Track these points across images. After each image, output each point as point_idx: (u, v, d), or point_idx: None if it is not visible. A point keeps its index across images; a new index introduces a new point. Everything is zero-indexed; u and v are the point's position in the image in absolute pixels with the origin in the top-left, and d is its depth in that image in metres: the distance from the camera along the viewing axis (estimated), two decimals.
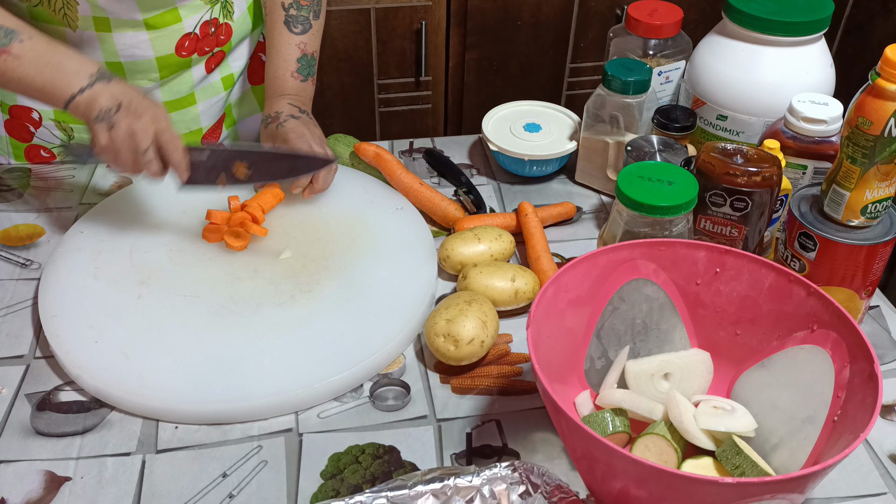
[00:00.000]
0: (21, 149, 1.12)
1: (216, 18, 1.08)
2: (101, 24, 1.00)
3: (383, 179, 1.07)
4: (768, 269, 0.75)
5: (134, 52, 1.03)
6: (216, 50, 1.11)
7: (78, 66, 0.87)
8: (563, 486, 0.67)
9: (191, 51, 1.07)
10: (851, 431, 0.63)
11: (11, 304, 0.92)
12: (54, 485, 0.74)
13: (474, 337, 0.82)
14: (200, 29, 1.06)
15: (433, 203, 1.03)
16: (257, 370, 0.81)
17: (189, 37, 1.06)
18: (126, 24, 1.01)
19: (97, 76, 0.87)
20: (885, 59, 0.74)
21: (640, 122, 1.04)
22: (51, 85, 0.86)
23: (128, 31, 1.02)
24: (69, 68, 0.87)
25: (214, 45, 1.10)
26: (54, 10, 0.98)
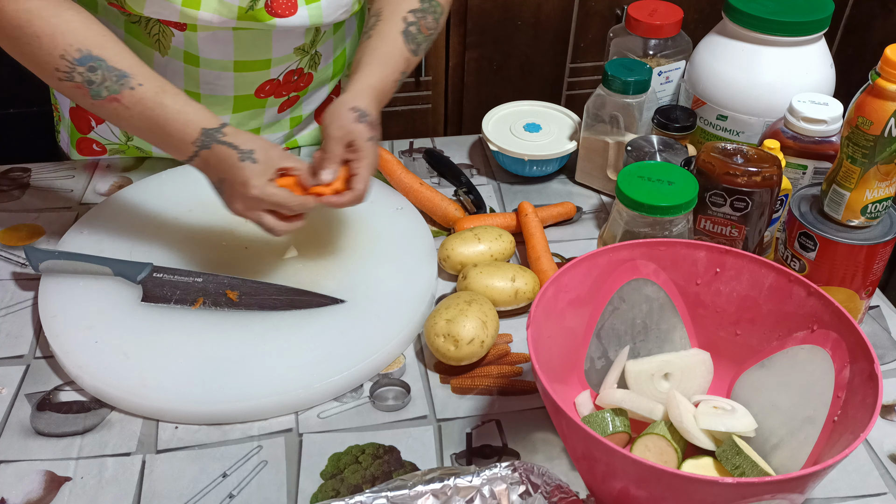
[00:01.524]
0: (77, 137, 1.12)
1: (301, 69, 1.07)
2: (190, 58, 1.00)
3: (383, 179, 1.07)
4: (768, 269, 0.75)
5: (215, 88, 1.03)
6: (292, 95, 1.10)
7: (182, 130, 0.83)
8: (563, 486, 0.67)
9: (269, 94, 1.07)
10: (851, 431, 0.63)
11: (11, 304, 0.92)
12: (54, 485, 0.74)
13: (474, 337, 0.82)
14: (284, 77, 1.06)
15: (433, 203, 1.03)
16: (257, 370, 0.81)
17: (271, 82, 1.05)
18: (215, 63, 1.00)
19: (200, 144, 0.83)
20: (885, 59, 0.74)
21: (640, 122, 1.04)
22: (163, 146, 0.86)
23: (215, 70, 1.01)
24: (175, 134, 0.83)
25: (292, 91, 1.10)
26: (149, 33, 0.98)
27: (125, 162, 1.13)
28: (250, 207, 0.84)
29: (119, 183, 1.09)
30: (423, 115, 1.94)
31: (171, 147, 0.85)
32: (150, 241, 0.96)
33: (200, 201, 1.01)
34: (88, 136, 1.11)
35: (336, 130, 0.86)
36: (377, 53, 0.93)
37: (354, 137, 0.86)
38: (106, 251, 0.93)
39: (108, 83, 0.82)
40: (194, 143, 0.83)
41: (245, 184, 0.82)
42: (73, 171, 1.11)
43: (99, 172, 1.11)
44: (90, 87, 0.81)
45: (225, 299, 0.88)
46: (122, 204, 1.02)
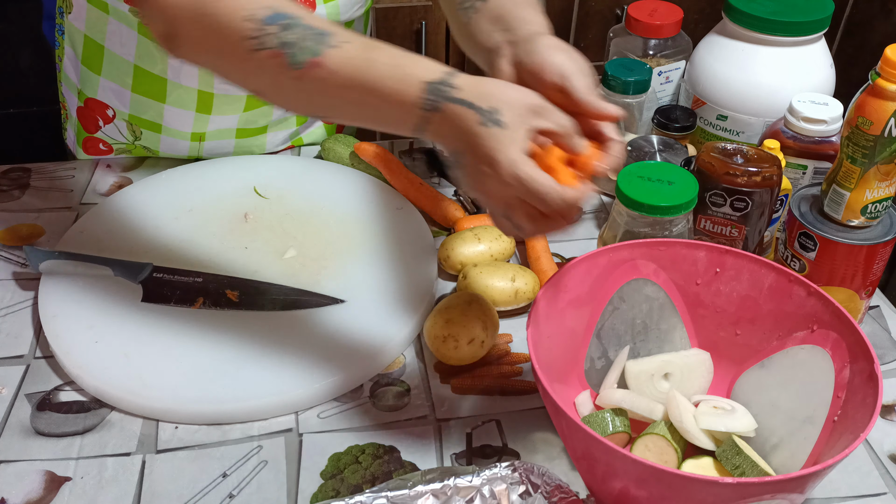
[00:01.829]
0: (83, 136, 1.12)
1: None
2: None
3: (383, 179, 1.07)
4: (768, 269, 0.75)
5: (229, 88, 1.03)
6: None
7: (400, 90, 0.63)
8: (563, 486, 0.67)
9: None
10: (851, 431, 0.63)
11: (11, 304, 0.92)
12: (54, 485, 0.74)
13: (474, 337, 0.82)
14: None
15: (433, 203, 1.03)
16: (257, 370, 0.81)
17: None
18: None
19: (426, 106, 0.63)
20: (885, 59, 0.74)
21: (640, 122, 1.04)
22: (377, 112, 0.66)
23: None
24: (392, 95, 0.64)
25: None
26: None
27: (125, 162, 1.13)
28: (499, 195, 0.63)
29: (119, 183, 1.09)
30: None
31: (392, 118, 0.66)
32: (150, 241, 0.96)
33: (200, 201, 1.02)
34: (95, 136, 1.11)
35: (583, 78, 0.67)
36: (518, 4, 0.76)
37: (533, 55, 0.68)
38: (106, 251, 0.93)
39: (308, 42, 0.64)
40: (419, 106, 0.63)
41: (491, 161, 0.61)
42: (73, 171, 1.11)
43: (99, 172, 1.11)
44: (287, 51, 0.64)
45: (225, 299, 0.88)
46: (122, 204, 1.02)
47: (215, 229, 0.98)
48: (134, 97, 1.05)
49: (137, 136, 1.10)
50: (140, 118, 1.07)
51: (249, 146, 1.14)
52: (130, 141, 1.11)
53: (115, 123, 1.09)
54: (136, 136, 1.10)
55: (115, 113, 1.08)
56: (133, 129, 1.09)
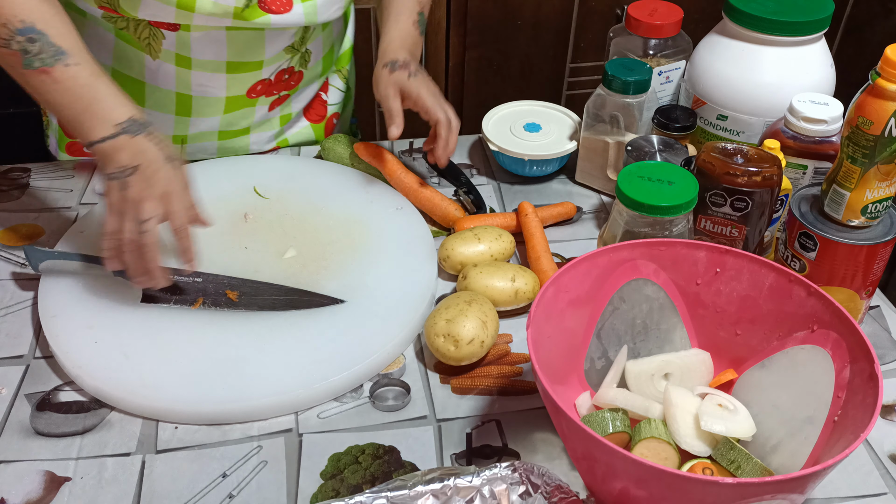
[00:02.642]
0: (65, 141, 1.13)
1: (292, 67, 1.08)
2: (182, 60, 1.00)
3: (383, 179, 1.07)
4: (768, 269, 0.75)
5: (207, 89, 1.04)
6: (282, 94, 1.11)
7: (109, 111, 0.83)
8: (563, 486, 0.67)
9: (260, 93, 1.08)
10: (852, 431, 0.63)
11: (11, 304, 0.92)
12: (54, 485, 0.74)
13: (474, 337, 0.82)
14: (276, 76, 1.07)
15: (433, 203, 1.03)
16: (257, 370, 0.81)
17: (263, 82, 1.06)
18: (207, 65, 1.01)
19: (125, 127, 0.82)
20: (885, 59, 0.74)
21: (640, 122, 1.04)
22: (78, 122, 0.83)
23: (207, 72, 1.02)
24: (100, 112, 0.82)
25: (283, 89, 1.10)
26: (140, 37, 0.98)
27: None
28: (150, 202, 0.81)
29: None
30: None
31: (88, 123, 0.82)
32: None
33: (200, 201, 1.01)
34: (76, 140, 1.11)
35: (383, 90, 0.98)
36: (391, 10, 1.04)
37: (399, 85, 0.97)
38: None
39: (43, 55, 0.81)
40: (118, 125, 0.82)
41: (174, 179, 0.83)
42: (73, 171, 1.11)
43: (99, 172, 1.11)
44: (24, 57, 0.81)
45: (225, 299, 0.88)
46: None
47: (215, 229, 0.97)
48: None
49: None
50: None
51: (233, 147, 1.14)
52: None
53: None
54: None
55: None
56: None
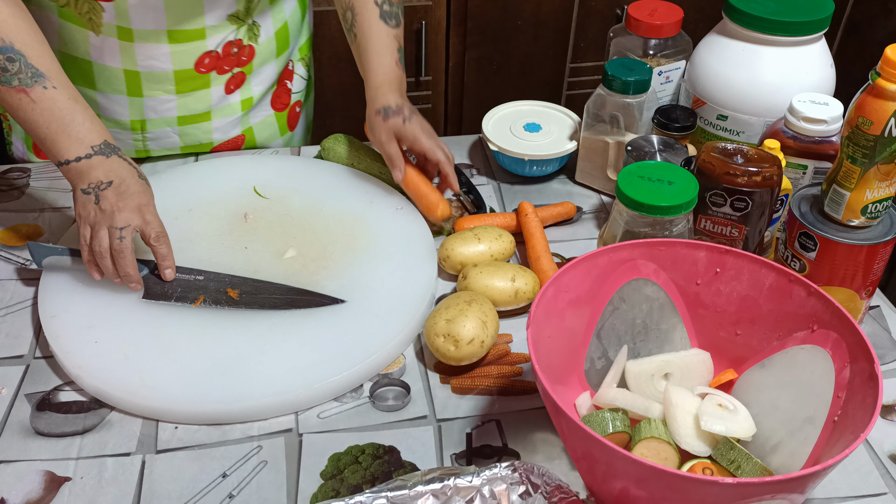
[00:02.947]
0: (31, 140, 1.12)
1: (240, 40, 1.08)
2: (123, 33, 1.00)
3: (383, 179, 1.07)
4: (768, 269, 0.75)
5: (153, 63, 1.04)
6: (236, 70, 1.10)
7: (85, 133, 0.87)
8: (563, 486, 0.67)
9: (209, 68, 1.07)
10: (851, 431, 0.63)
11: (11, 304, 0.92)
12: (54, 485, 0.74)
13: (474, 337, 0.82)
14: (223, 48, 1.07)
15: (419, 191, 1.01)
16: (257, 370, 0.81)
17: (210, 54, 1.06)
18: (149, 35, 1.01)
19: (99, 150, 0.87)
20: (885, 59, 0.74)
21: (640, 122, 1.04)
22: (51, 141, 0.86)
23: (149, 43, 1.02)
24: (75, 133, 0.86)
25: (235, 66, 1.10)
26: (80, 12, 0.98)
27: None
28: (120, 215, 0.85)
29: None
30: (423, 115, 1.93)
31: (63, 143, 0.86)
32: None
33: (200, 201, 1.02)
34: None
35: (380, 137, 0.99)
36: (371, 51, 1.03)
37: (394, 131, 0.98)
38: None
39: (21, 76, 0.84)
40: (93, 147, 0.87)
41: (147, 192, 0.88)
42: None
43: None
44: (3, 74, 0.84)
45: (225, 297, 0.88)
46: None
47: (215, 229, 0.98)
48: None
49: None
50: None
51: (195, 134, 1.13)
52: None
53: None
54: None
55: None
56: None
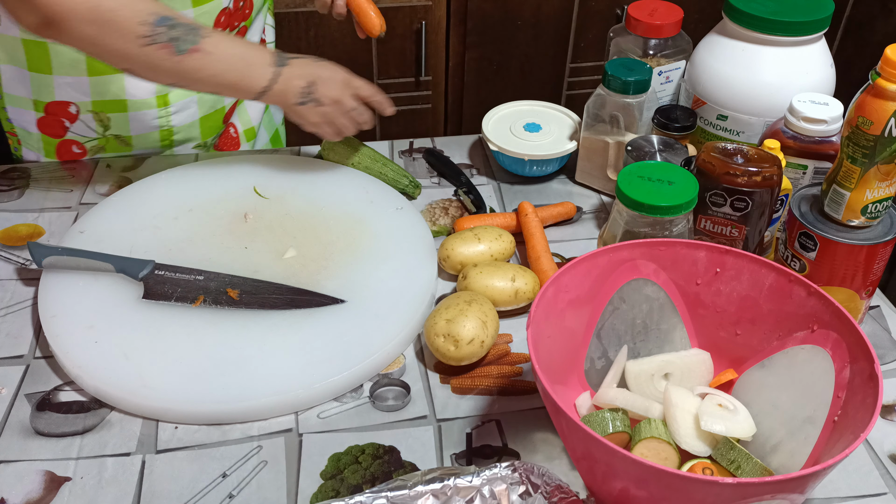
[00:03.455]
0: (53, 144, 1.12)
1: None
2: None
3: (383, 179, 1.07)
4: (768, 269, 0.75)
5: None
6: (241, 25, 1.12)
7: (260, 54, 0.93)
8: (563, 486, 0.67)
9: (225, 25, 1.08)
10: (852, 431, 0.63)
11: (11, 304, 0.92)
12: (54, 485, 0.74)
13: (474, 337, 0.82)
14: (234, 3, 1.08)
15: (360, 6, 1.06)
16: (257, 370, 0.81)
17: (225, 11, 1.07)
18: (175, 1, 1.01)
19: (278, 62, 0.93)
20: (885, 59, 0.74)
21: (640, 122, 1.04)
22: (242, 79, 0.91)
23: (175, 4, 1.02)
24: (255, 58, 0.92)
25: (241, 20, 1.11)
26: None
27: (125, 162, 1.13)
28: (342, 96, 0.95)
29: (119, 183, 1.09)
30: (423, 115, 1.94)
31: (254, 75, 0.92)
32: (150, 241, 0.96)
33: (200, 201, 1.02)
34: (66, 139, 1.11)
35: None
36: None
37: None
38: (105, 251, 0.93)
39: (187, 37, 0.87)
40: (271, 64, 0.93)
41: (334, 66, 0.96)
42: (73, 171, 1.11)
43: (99, 172, 1.11)
44: (175, 44, 0.86)
45: (225, 297, 0.88)
46: (122, 204, 1.02)
47: (215, 229, 0.98)
48: (92, 81, 1.05)
49: (106, 124, 1.10)
50: (103, 101, 1.07)
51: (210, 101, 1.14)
52: (101, 133, 1.11)
53: (81, 119, 1.09)
54: (105, 125, 1.10)
55: (79, 107, 1.08)
56: (100, 118, 1.09)
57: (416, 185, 1.08)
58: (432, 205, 1.08)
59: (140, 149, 1.14)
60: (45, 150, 1.13)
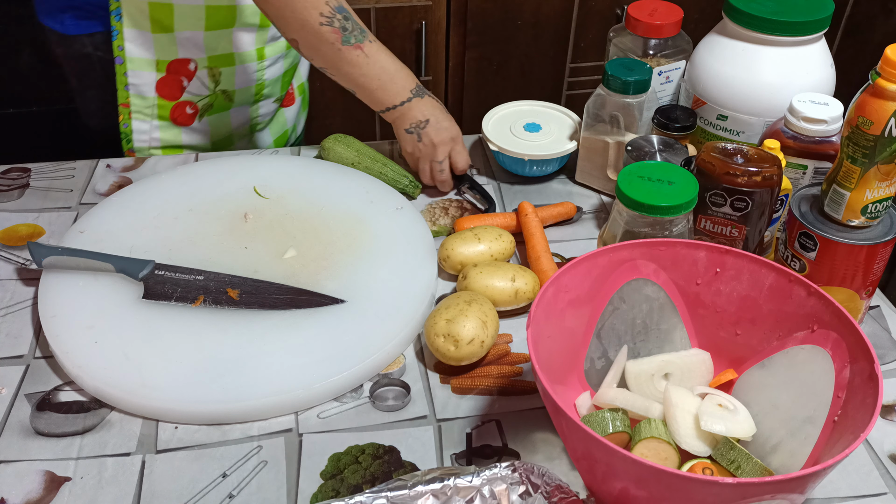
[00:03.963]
0: (167, 109, 1.16)
1: None
2: None
3: (383, 179, 1.07)
4: (768, 269, 0.75)
5: None
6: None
7: (403, 79, 1.02)
8: (563, 486, 0.67)
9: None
10: (851, 431, 0.63)
11: (11, 304, 0.92)
12: (54, 485, 0.74)
13: (474, 337, 0.82)
14: None
15: None
16: (257, 370, 0.81)
17: None
18: None
19: (415, 92, 1.03)
20: (885, 59, 0.74)
21: (640, 122, 1.04)
22: (381, 90, 1.01)
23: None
24: (399, 80, 1.01)
25: None
26: None
27: (125, 162, 1.13)
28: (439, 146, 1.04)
29: (119, 183, 1.09)
30: None
31: (391, 90, 1.01)
32: (150, 241, 0.96)
33: (200, 201, 1.02)
34: (180, 101, 1.16)
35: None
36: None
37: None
38: (105, 251, 0.93)
39: (355, 33, 0.98)
40: (411, 90, 1.03)
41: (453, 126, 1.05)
42: (73, 171, 1.11)
43: (99, 172, 1.11)
44: (343, 34, 0.96)
45: (225, 297, 0.88)
46: (122, 204, 1.02)
47: (215, 229, 0.98)
48: (208, 36, 1.12)
49: (217, 79, 1.16)
50: (216, 56, 1.14)
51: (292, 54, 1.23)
52: (212, 89, 1.17)
53: (197, 76, 1.15)
54: (217, 80, 1.16)
55: (196, 64, 1.14)
56: (213, 73, 1.15)
57: (416, 185, 1.08)
58: (432, 205, 1.08)
59: (238, 104, 1.21)
60: (159, 114, 1.17)
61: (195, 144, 1.23)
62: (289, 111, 1.36)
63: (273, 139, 1.35)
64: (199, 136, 1.22)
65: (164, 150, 1.20)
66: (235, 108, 1.23)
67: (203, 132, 1.22)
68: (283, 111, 1.35)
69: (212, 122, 1.22)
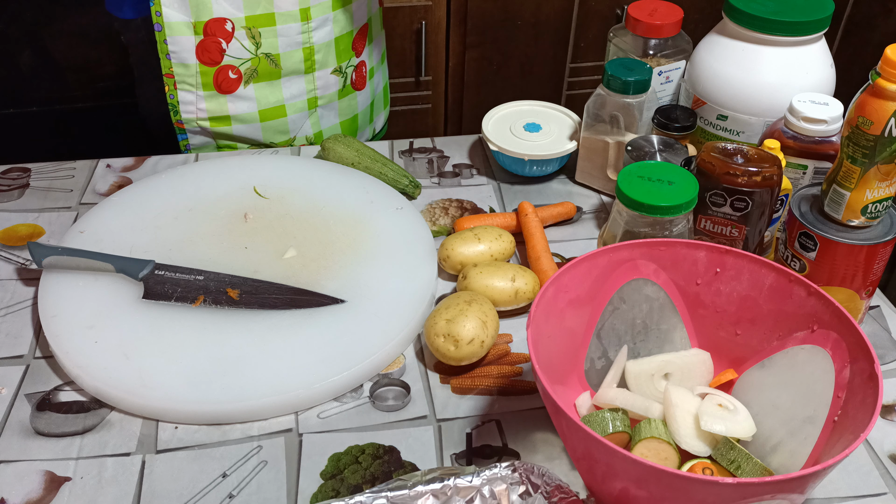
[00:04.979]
0: (210, 76, 1.14)
1: None
2: None
3: (383, 179, 1.07)
4: (768, 269, 0.75)
5: None
6: None
7: None
8: (563, 486, 0.67)
9: None
10: (852, 431, 0.63)
11: (11, 304, 0.92)
12: (54, 485, 0.74)
13: (474, 337, 0.82)
14: None
15: None
16: (257, 370, 0.81)
17: None
18: None
19: None
20: (885, 59, 0.74)
21: (640, 122, 1.04)
22: None
23: None
24: None
25: None
26: None
27: (125, 162, 1.13)
28: None
29: (119, 183, 1.09)
30: (423, 115, 1.94)
31: None
32: (150, 241, 0.96)
33: (200, 201, 1.02)
34: (222, 66, 1.14)
35: None
36: None
37: None
38: (105, 251, 0.93)
39: None
40: None
41: None
42: (72, 171, 1.12)
43: (99, 172, 1.11)
44: None
45: (225, 297, 0.88)
46: (122, 204, 1.02)
47: (215, 229, 0.98)
48: None
49: (258, 41, 1.13)
50: (254, 16, 1.12)
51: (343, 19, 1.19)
52: (253, 52, 1.14)
53: (235, 37, 1.12)
54: (257, 41, 1.13)
55: (233, 24, 1.11)
56: (252, 34, 1.13)
57: (416, 185, 1.08)
58: (432, 205, 1.08)
59: (288, 73, 1.17)
60: (203, 83, 1.15)
61: (243, 115, 1.18)
62: (361, 95, 1.29)
63: (339, 120, 1.28)
64: (246, 104, 1.18)
65: (212, 121, 1.17)
66: (286, 77, 1.18)
67: (250, 100, 1.18)
68: (357, 94, 1.28)
69: (260, 90, 1.18)
